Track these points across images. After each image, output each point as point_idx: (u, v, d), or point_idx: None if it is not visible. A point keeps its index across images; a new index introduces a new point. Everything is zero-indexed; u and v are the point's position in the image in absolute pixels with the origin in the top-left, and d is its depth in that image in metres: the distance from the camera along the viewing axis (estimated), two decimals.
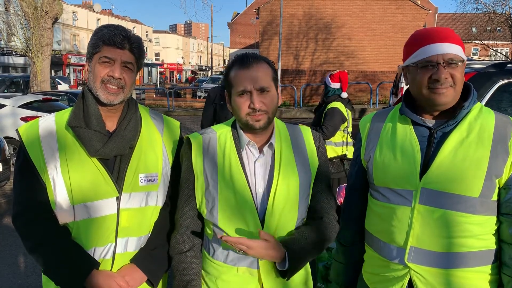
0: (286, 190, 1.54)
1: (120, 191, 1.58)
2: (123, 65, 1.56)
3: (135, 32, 1.61)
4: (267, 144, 1.57)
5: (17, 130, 1.62)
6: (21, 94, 11.86)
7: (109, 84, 1.55)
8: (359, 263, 1.74)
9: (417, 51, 1.48)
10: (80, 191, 1.54)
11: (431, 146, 1.50)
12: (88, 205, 1.55)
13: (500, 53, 28.12)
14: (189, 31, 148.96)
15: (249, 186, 1.53)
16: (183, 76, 70.74)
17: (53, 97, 10.29)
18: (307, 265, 1.66)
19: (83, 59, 39.69)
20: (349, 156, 4.41)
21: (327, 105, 4.41)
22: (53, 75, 29.73)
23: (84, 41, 45.82)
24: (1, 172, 6.64)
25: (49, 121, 1.62)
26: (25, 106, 8.99)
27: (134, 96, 2.28)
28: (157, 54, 69.89)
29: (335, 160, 4.42)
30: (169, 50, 71.64)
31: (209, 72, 58.78)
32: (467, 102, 1.49)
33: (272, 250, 1.46)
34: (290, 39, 22.80)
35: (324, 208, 1.66)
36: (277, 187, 1.53)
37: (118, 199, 1.58)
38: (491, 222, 1.47)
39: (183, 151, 1.64)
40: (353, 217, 1.74)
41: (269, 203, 1.52)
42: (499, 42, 30.26)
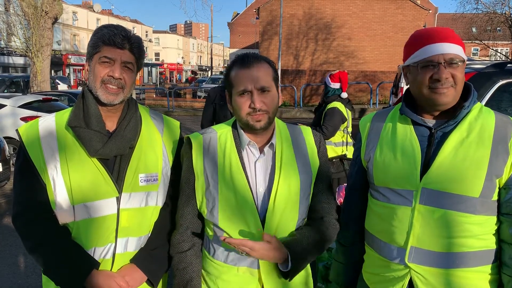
0: (287, 190, 1.54)
1: (120, 191, 1.58)
2: (123, 65, 1.56)
3: (135, 32, 1.61)
4: (268, 144, 1.57)
5: (17, 130, 1.62)
6: (21, 94, 11.86)
7: (109, 84, 1.55)
8: (359, 263, 1.74)
9: (418, 51, 1.48)
10: (80, 191, 1.54)
11: (431, 146, 1.50)
12: (88, 205, 1.55)
13: (500, 53, 28.12)
14: (189, 31, 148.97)
15: (249, 186, 1.53)
16: (183, 76, 70.76)
17: (53, 97, 10.29)
18: (307, 265, 1.66)
19: (83, 59, 39.67)
20: (349, 156, 4.41)
21: (327, 105, 4.41)
22: (53, 75, 29.60)
23: (84, 41, 45.82)
24: (1, 172, 6.64)
25: (49, 121, 1.62)
26: (25, 106, 9.00)
27: (134, 96, 2.28)
28: (157, 54, 69.91)
29: (335, 160, 4.42)
30: (169, 50, 71.65)
31: (209, 72, 58.80)
32: (467, 102, 1.49)
33: (274, 251, 1.46)
34: (290, 39, 22.80)
35: (325, 208, 1.66)
36: (278, 187, 1.53)
37: (118, 199, 1.58)
38: (491, 222, 1.47)
39: (183, 151, 1.64)
40: (353, 217, 1.73)
41: (270, 203, 1.52)
42: (499, 42, 30.27)
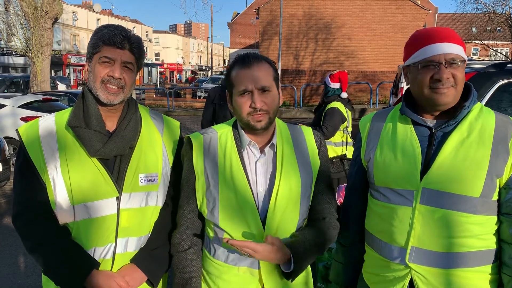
0: (288, 191, 1.54)
1: (120, 191, 1.58)
2: (123, 65, 1.56)
3: (135, 32, 1.61)
4: (269, 145, 1.57)
5: (17, 130, 1.62)
6: (21, 94, 11.86)
7: (109, 84, 1.55)
8: (359, 263, 1.74)
9: (418, 51, 1.48)
10: (80, 191, 1.54)
11: (431, 146, 1.49)
12: (88, 205, 1.55)
13: (500, 53, 28.11)
14: (189, 31, 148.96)
15: (250, 186, 1.53)
16: (183, 76, 70.75)
17: (53, 97, 10.29)
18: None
19: (83, 59, 39.67)
20: (348, 156, 4.41)
21: (327, 105, 4.41)
22: (53, 75, 29.45)
23: (84, 41, 45.82)
24: (1, 172, 6.64)
25: (49, 121, 1.62)
26: (25, 106, 9.00)
27: (134, 96, 2.28)
28: (157, 54, 69.91)
29: (335, 160, 4.42)
30: (169, 50, 71.64)
31: (209, 72, 58.79)
32: (467, 102, 1.49)
33: (277, 253, 1.46)
34: (290, 39, 22.80)
35: (326, 208, 1.66)
36: (279, 187, 1.53)
37: (118, 199, 1.58)
38: (491, 222, 1.47)
39: (184, 151, 1.63)
40: (353, 217, 1.73)
41: (271, 203, 1.52)
42: (499, 42, 30.26)
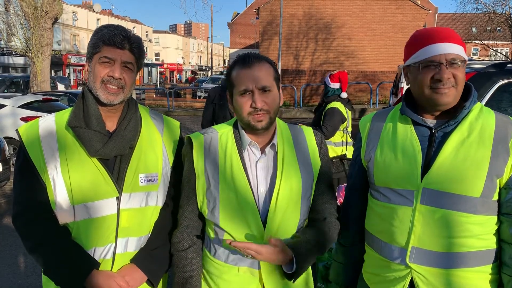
0: (289, 191, 1.54)
1: (120, 191, 1.58)
2: (123, 65, 1.56)
3: (135, 32, 1.61)
4: (270, 145, 1.57)
5: (17, 130, 1.62)
6: (21, 94, 11.86)
7: (109, 84, 1.55)
8: (359, 263, 1.74)
9: (419, 51, 1.48)
10: (80, 191, 1.54)
11: (432, 146, 1.49)
12: (88, 205, 1.55)
13: (500, 53, 28.11)
14: (189, 31, 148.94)
15: (250, 186, 1.53)
16: (183, 76, 70.75)
17: (53, 97, 10.29)
18: None
19: (83, 59, 39.65)
20: (348, 156, 4.41)
21: (326, 105, 4.41)
22: (53, 75, 29.32)
23: (84, 41, 45.82)
24: (1, 172, 6.64)
25: (49, 121, 1.62)
26: (25, 106, 9.00)
27: (134, 96, 2.28)
28: (157, 54, 69.91)
29: (335, 160, 4.42)
30: (169, 50, 71.65)
31: (209, 72, 58.79)
32: (467, 102, 1.49)
33: (280, 254, 1.47)
34: (290, 39, 22.80)
35: (327, 208, 1.66)
36: (280, 187, 1.53)
37: (118, 199, 1.58)
38: (491, 222, 1.47)
39: (184, 150, 1.63)
40: (353, 217, 1.73)
41: (272, 203, 1.52)
42: (499, 42, 30.26)
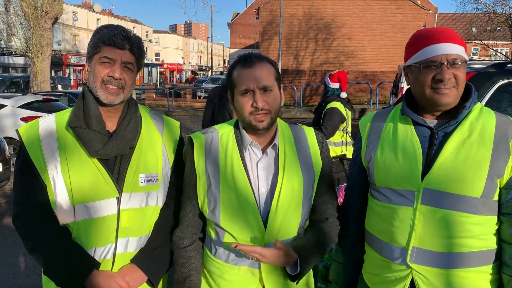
0: (291, 192, 1.54)
1: (120, 191, 1.58)
2: (123, 65, 1.56)
3: (135, 32, 1.61)
4: (271, 145, 1.57)
5: (17, 130, 1.62)
6: (21, 94, 11.85)
7: (109, 84, 1.55)
8: (359, 263, 1.74)
9: (420, 51, 1.48)
10: (81, 191, 1.54)
11: (432, 146, 1.49)
12: (89, 205, 1.55)
13: (500, 53, 28.10)
14: (189, 31, 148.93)
15: (251, 186, 1.53)
16: (183, 76, 70.74)
17: (53, 97, 10.29)
18: None
19: (83, 59, 39.66)
20: (348, 156, 4.41)
21: (326, 105, 4.42)
22: (53, 75, 29.21)
23: (84, 41, 45.81)
24: (1, 172, 6.64)
25: (49, 122, 1.62)
26: (25, 106, 8.99)
27: (134, 96, 2.28)
28: (157, 54, 69.91)
29: (335, 160, 4.42)
30: (169, 50, 71.64)
31: (209, 72, 58.79)
32: (468, 102, 1.49)
33: (284, 257, 1.48)
34: (290, 39, 22.80)
35: (329, 209, 1.66)
36: (281, 188, 1.53)
37: (119, 200, 1.58)
38: (491, 222, 1.47)
39: (185, 150, 1.64)
40: (353, 217, 1.73)
41: (273, 204, 1.52)
42: (499, 42, 30.25)
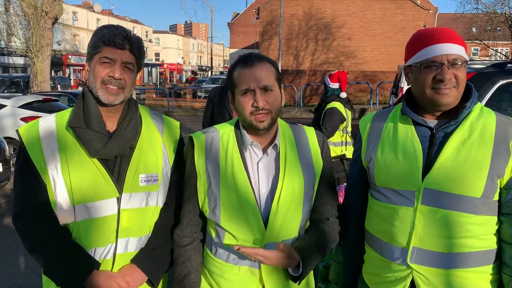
0: (291, 192, 1.54)
1: (120, 191, 1.58)
2: (123, 65, 1.56)
3: (135, 32, 1.61)
4: (272, 145, 1.57)
5: (17, 130, 1.62)
6: (21, 94, 11.86)
7: (109, 85, 1.55)
8: (359, 263, 1.74)
9: (420, 51, 1.48)
10: (81, 191, 1.54)
11: (433, 147, 1.49)
12: (89, 205, 1.55)
13: (500, 53, 28.10)
14: (189, 31, 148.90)
15: (251, 186, 1.53)
16: (183, 76, 70.74)
17: (53, 98, 10.29)
18: None
19: (83, 59, 39.66)
20: (348, 156, 4.41)
21: (326, 105, 4.42)
22: (53, 75, 29.14)
23: (84, 41, 45.81)
24: (1, 172, 6.64)
25: (49, 122, 1.62)
26: (25, 106, 9.00)
27: (134, 96, 2.28)
28: (157, 54, 69.90)
29: (335, 160, 4.42)
30: (169, 50, 71.64)
31: (209, 72, 58.79)
32: (468, 102, 1.49)
33: (287, 259, 1.48)
34: (290, 39, 22.80)
35: (329, 209, 1.66)
36: (282, 188, 1.53)
37: (119, 200, 1.58)
38: (492, 222, 1.47)
39: (186, 150, 1.64)
40: (353, 217, 1.73)
41: (274, 204, 1.52)
42: (499, 42, 30.24)
